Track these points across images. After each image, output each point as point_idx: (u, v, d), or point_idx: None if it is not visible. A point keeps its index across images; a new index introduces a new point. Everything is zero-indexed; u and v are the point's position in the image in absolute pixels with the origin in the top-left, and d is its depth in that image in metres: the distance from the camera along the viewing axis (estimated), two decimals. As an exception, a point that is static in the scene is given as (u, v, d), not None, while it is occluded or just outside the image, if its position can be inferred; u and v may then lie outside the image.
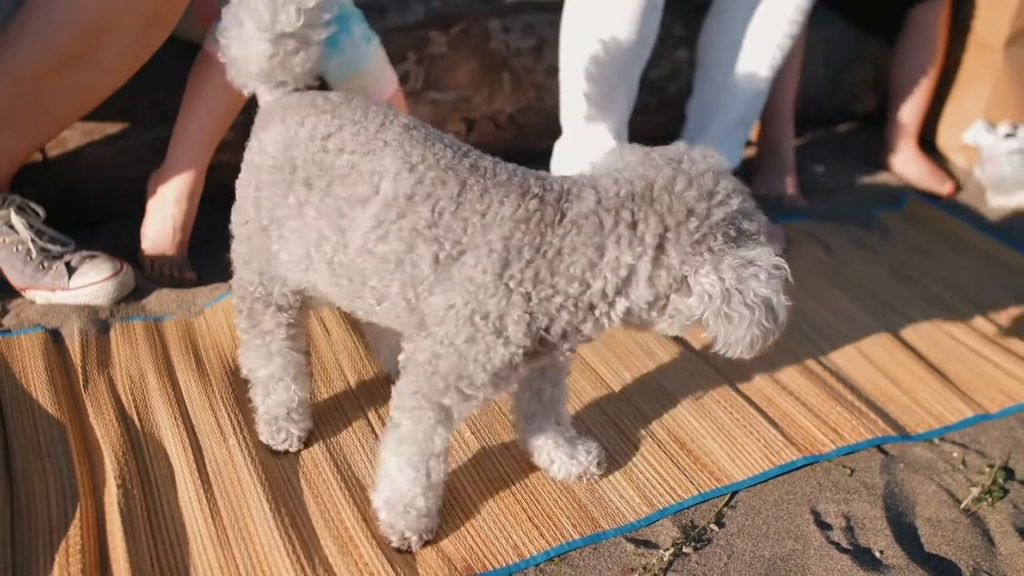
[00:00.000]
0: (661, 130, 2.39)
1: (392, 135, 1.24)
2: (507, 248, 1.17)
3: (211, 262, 1.98)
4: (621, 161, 1.22)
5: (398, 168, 1.21)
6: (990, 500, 1.50)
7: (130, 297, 1.79)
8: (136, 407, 1.51)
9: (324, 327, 1.75)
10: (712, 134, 2.32)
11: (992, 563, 1.38)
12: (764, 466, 1.51)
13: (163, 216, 1.89)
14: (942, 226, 2.48)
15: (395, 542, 1.31)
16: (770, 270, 1.15)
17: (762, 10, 2.21)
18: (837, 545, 1.38)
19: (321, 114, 1.28)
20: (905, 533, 1.43)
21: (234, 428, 1.47)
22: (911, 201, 2.59)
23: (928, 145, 2.91)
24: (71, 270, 1.74)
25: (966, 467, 1.58)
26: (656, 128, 2.44)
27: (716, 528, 1.40)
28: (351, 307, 1.30)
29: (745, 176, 2.36)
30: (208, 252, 2.00)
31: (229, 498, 1.36)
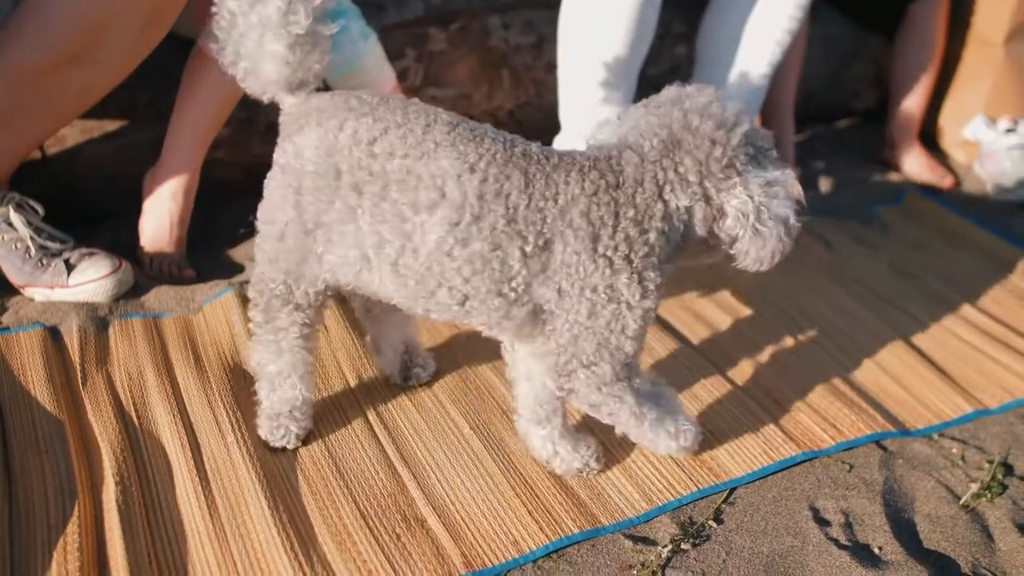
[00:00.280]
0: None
1: (440, 135, 1.24)
2: (591, 223, 1.23)
3: (210, 259, 1.98)
4: (626, 124, 1.29)
5: (459, 170, 1.22)
6: (989, 496, 1.50)
7: (129, 294, 1.78)
8: (135, 404, 1.52)
9: (323, 324, 1.75)
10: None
11: (991, 559, 1.38)
12: (763, 462, 1.51)
13: (160, 213, 1.89)
14: (942, 222, 2.48)
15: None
16: (788, 192, 1.26)
17: (761, 6, 2.20)
18: (836, 541, 1.38)
19: (361, 117, 1.26)
20: (904, 529, 1.43)
21: (232, 425, 1.47)
22: (911, 197, 2.58)
23: (928, 141, 2.91)
24: (70, 267, 1.74)
25: (965, 463, 1.58)
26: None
27: (714, 524, 1.40)
28: (412, 306, 1.32)
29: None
30: (206, 249, 2.01)
31: (227, 495, 1.36)
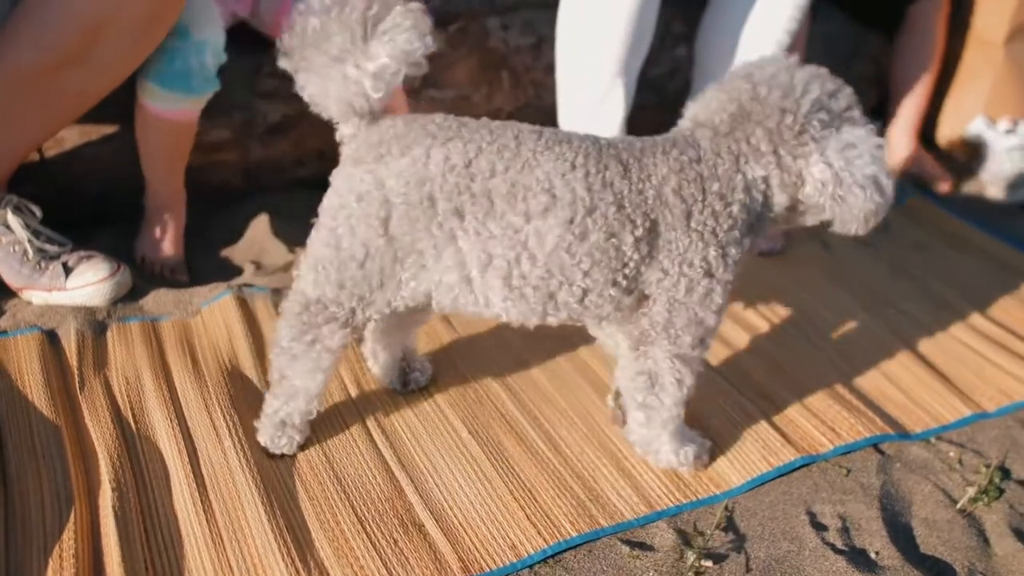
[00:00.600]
0: (660, 128, 2.37)
1: (531, 143, 1.29)
2: (683, 200, 1.29)
3: (208, 262, 1.98)
4: (697, 103, 1.37)
5: (562, 170, 1.27)
6: (986, 500, 1.50)
7: (127, 297, 1.78)
8: (132, 409, 1.51)
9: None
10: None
11: (987, 564, 1.38)
12: (762, 468, 1.51)
13: (155, 219, 1.92)
14: (941, 223, 2.48)
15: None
16: (872, 151, 1.29)
17: (760, 7, 2.20)
18: (832, 546, 1.38)
19: (447, 143, 1.27)
20: (901, 534, 1.43)
21: (229, 429, 1.47)
22: (911, 198, 2.58)
23: (928, 142, 2.90)
24: (68, 270, 1.74)
25: (963, 467, 1.58)
26: (655, 126, 2.43)
27: (712, 531, 1.40)
28: (527, 316, 1.34)
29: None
30: (205, 252, 2.01)
31: (224, 500, 1.36)
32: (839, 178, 1.28)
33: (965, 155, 2.84)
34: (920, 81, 2.72)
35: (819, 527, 1.42)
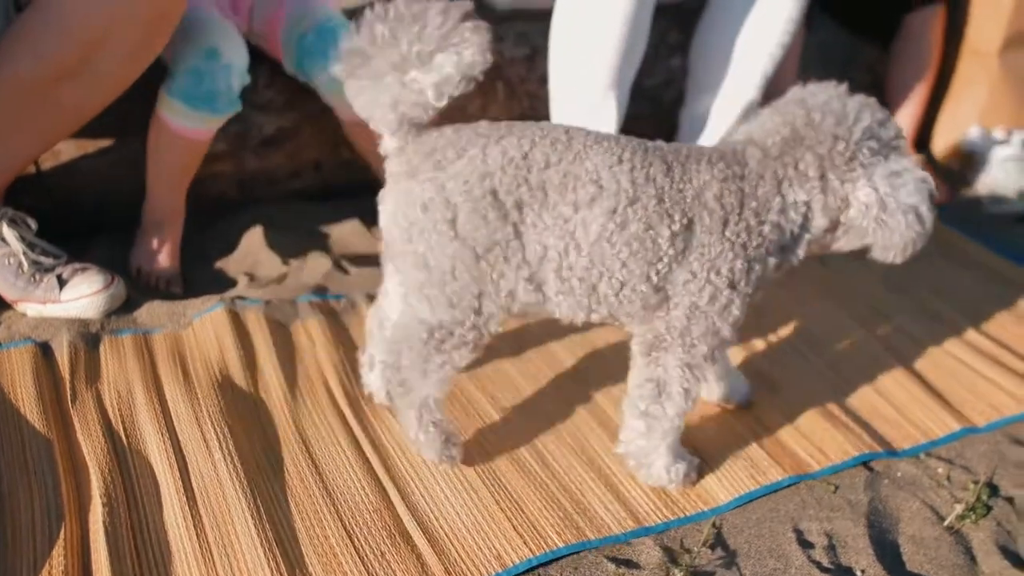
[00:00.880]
0: (655, 139, 2.38)
1: (582, 138, 1.33)
2: (723, 207, 1.33)
3: (203, 274, 1.99)
4: (754, 123, 1.41)
5: (610, 162, 1.31)
6: (974, 517, 1.50)
7: (121, 309, 1.79)
8: (123, 423, 1.52)
9: (310, 338, 1.76)
10: (705, 142, 2.32)
11: (973, 582, 1.39)
12: (749, 486, 1.51)
13: (153, 231, 1.93)
14: (936, 234, 2.46)
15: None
16: (916, 182, 1.34)
17: (754, 18, 2.21)
18: (819, 564, 1.38)
19: (501, 139, 1.31)
20: (887, 551, 1.43)
21: (220, 441, 1.48)
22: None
23: (923, 151, 2.91)
24: (62, 283, 1.74)
25: (951, 483, 1.59)
26: (650, 137, 2.43)
27: (699, 548, 1.40)
28: (576, 310, 1.38)
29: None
30: (200, 264, 2.01)
31: (214, 514, 1.37)
32: (883, 202, 1.32)
33: (960, 165, 2.85)
34: (916, 90, 2.72)
35: (806, 544, 1.43)
